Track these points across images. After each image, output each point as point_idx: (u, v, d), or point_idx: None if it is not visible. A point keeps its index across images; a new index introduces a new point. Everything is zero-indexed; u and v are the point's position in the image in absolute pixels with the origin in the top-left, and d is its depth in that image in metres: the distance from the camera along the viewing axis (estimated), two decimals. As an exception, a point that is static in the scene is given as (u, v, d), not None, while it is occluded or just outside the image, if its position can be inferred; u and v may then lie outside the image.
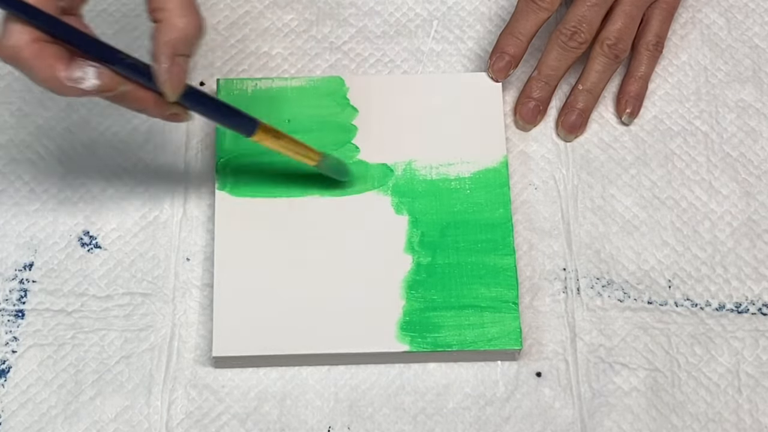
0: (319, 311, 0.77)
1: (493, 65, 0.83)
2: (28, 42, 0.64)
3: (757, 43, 0.88)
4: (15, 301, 0.79)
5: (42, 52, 0.65)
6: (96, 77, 0.66)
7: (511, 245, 0.79)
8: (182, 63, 0.68)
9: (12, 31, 0.64)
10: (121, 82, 0.67)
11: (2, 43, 0.64)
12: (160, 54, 0.67)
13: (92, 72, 0.66)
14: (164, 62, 0.67)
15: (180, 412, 0.76)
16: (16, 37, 0.64)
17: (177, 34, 0.67)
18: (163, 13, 0.67)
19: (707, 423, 0.77)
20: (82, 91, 0.66)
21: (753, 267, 0.81)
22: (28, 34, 0.64)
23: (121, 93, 0.68)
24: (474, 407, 0.77)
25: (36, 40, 0.64)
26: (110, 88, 0.67)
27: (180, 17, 0.67)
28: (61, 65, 0.65)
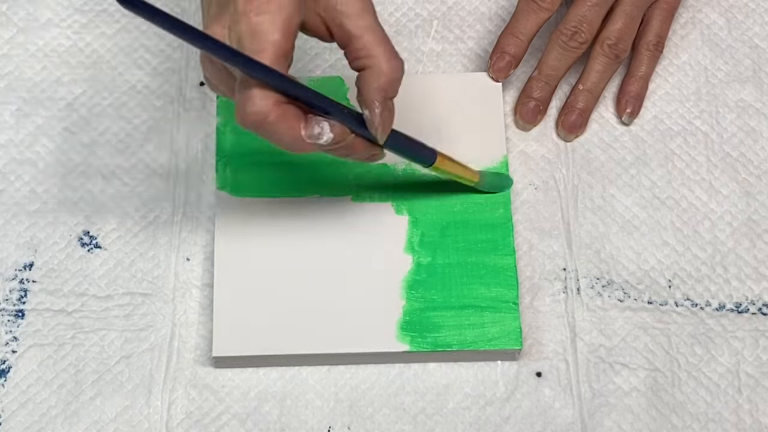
0: (319, 311, 0.77)
1: (494, 65, 0.83)
2: (271, 106, 0.65)
3: (757, 43, 0.88)
4: (15, 301, 0.79)
5: (285, 114, 0.65)
6: (331, 131, 0.67)
7: (511, 245, 0.79)
8: (391, 106, 0.69)
9: (255, 97, 0.64)
10: (349, 132, 0.68)
11: (247, 110, 0.65)
12: (373, 100, 0.68)
13: (327, 127, 0.67)
14: (377, 108, 0.68)
15: (180, 412, 0.76)
16: (261, 103, 0.64)
17: (386, 79, 0.68)
18: (371, 59, 0.68)
19: (707, 423, 0.77)
20: (320, 146, 0.67)
21: (753, 267, 0.81)
22: (271, 98, 0.65)
23: (346, 143, 0.69)
24: (474, 407, 0.77)
25: (278, 102, 0.65)
26: (341, 140, 0.68)
27: (386, 62, 0.68)
28: (302, 124, 0.66)
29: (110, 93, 0.85)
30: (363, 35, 0.68)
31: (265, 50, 0.64)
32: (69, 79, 0.85)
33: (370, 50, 0.68)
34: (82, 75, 0.85)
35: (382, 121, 0.69)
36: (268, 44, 0.64)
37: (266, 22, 0.64)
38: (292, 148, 0.67)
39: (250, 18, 0.64)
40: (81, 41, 0.86)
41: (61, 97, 0.85)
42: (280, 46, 0.65)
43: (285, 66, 0.65)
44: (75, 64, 0.86)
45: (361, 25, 0.68)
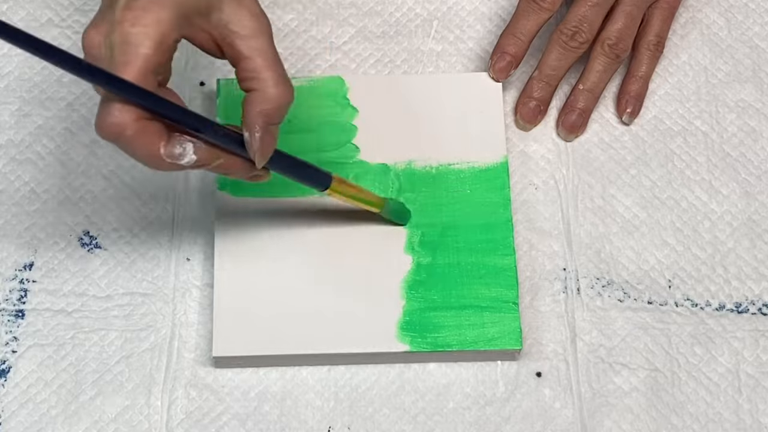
0: (319, 311, 0.77)
1: (494, 65, 0.83)
2: (131, 120, 0.63)
3: (757, 43, 0.88)
4: (15, 301, 0.79)
5: (144, 130, 0.64)
6: (194, 153, 0.65)
7: (511, 245, 0.79)
8: (274, 132, 0.67)
9: (114, 110, 0.63)
10: (216, 156, 0.67)
11: (105, 122, 0.63)
12: (254, 124, 0.66)
13: (190, 148, 0.65)
14: (257, 132, 0.66)
15: (180, 412, 0.76)
16: (120, 116, 0.63)
17: (271, 105, 0.66)
18: (258, 82, 0.66)
19: (707, 423, 0.77)
20: (180, 166, 0.66)
21: (753, 267, 0.81)
22: (130, 112, 0.63)
23: (218, 165, 0.68)
24: (474, 407, 0.77)
25: (138, 118, 0.63)
26: (206, 163, 0.66)
27: (273, 87, 0.66)
28: (162, 142, 0.64)
29: (110, 93, 0.85)
30: (254, 57, 0.66)
31: (132, 63, 0.62)
32: (69, 79, 0.85)
33: (259, 73, 0.66)
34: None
35: (261, 145, 0.67)
36: (137, 57, 0.63)
37: (139, 34, 0.63)
38: (150, 165, 0.65)
39: (124, 28, 0.63)
40: (81, 41, 0.86)
41: (61, 97, 0.85)
42: (149, 60, 0.63)
43: (153, 81, 0.63)
44: (75, 64, 0.85)
45: (252, 46, 0.66)
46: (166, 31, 0.63)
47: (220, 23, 0.66)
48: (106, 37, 0.64)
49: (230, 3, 0.66)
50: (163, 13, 0.63)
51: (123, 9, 0.64)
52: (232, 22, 0.66)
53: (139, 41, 0.63)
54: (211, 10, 0.66)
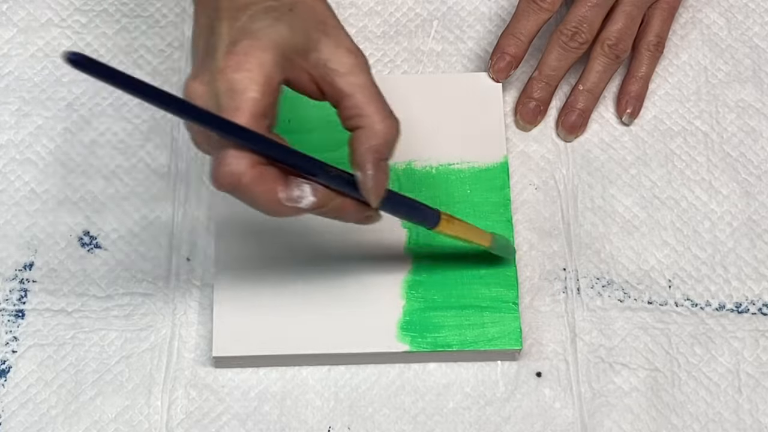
0: (319, 311, 0.77)
1: (494, 65, 0.83)
2: (247, 168, 0.61)
3: (757, 43, 0.88)
4: (15, 301, 0.79)
5: (262, 176, 0.62)
6: (312, 194, 0.64)
7: (511, 245, 0.79)
8: (385, 168, 0.66)
9: (230, 158, 0.61)
10: (333, 196, 0.65)
11: (222, 171, 0.62)
12: (366, 162, 0.65)
13: (308, 190, 0.64)
14: (369, 170, 0.65)
15: (180, 412, 0.76)
16: (235, 164, 0.61)
17: (380, 140, 0.65)
18: (363, 119, 0.65)
19: (707, 423, 0.77)
20: (300, 209, 0.64)
21: (753, 267, 0.81)
22: (246, 159, 0.61)
23: (333, 206, 0.66)
24: (474, 407, 0.77)
25: (254, 164, 0.62)
26: (324, 204, 0.65)
27: (380, 122, 0.65)
28: (281, 187, 0.63)
29: (110, 93, 0.85)
30: (355, 93, 0.65)
31: (242, 109, 0.61)
32: (69, 79, 0.85)
33: (362, 109, 0.65)
34: (82, 75, 0.84)
35: (375, 184, 0.65)
36: (246, 102, 0.61)
37: (244, 79, 0.62)
38: (270, 212, 0.64)
39: (227, 75, 0.62)
40: (81, 41, 0.86)
41: (61, 97, 0.85)
42: (258, 104, 0.62)
43: (264, 125, 0.62)
44: (75, 64, 0.85)
45: (353, 82, 0.65)
46: (270, 73, 0.62)
47: (319, 62, 0.65)
48: (209, 86, 0.62)
49: (327, 42, 0.65)
50: (265, 56, 0.62)
51: (225, 55, 0.62)
52: (330, 61, 0.65)
53: (246, 86, 0.61)
54: (309, 50, 0.65)
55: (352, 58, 0.65)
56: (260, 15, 0.64)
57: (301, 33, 0.64)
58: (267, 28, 0.63)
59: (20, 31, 0.86)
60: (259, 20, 0.64)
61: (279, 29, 0.63)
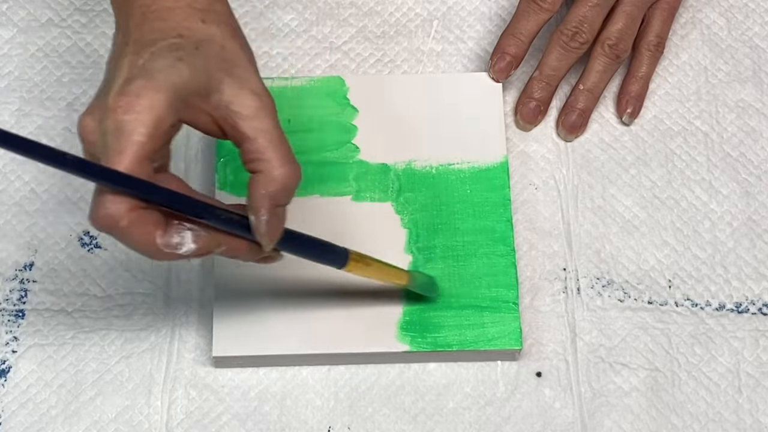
0: (319, 311, 0.77)
1: (494, 65, 0.83)
2: (125, 211, 0.60)
3: (757, 43, 0.88)
4: (15, 301, 0.79)
5: (139, 220, 0.61)
6: (193, 242, 0.63)
7: (511, 245, 0.79)
8: (281, 214, 0.65)
9: (107, 201, 0.61)
10: (218, 243, 0.64)
11: (98, 213, 0.61)
12: (260, 207, 0.63)
13: (189, 237, 0.63)
14: (263, 215, 0.63)
15: (180, 412, 0.76)
16: (113, 208, 0.60)
17: (277, 186, 0.63)
18: (263, 164, 0.63)
19: (707, 423, 0.77)
20: (179, 256, 0.63)
21: (753, 267, 0.81)
22: (124, 203, 0.60)
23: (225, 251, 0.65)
24: (474, 407, 0.77)
25: (133, 208, 0.61)
26: (207, 251, 0.64)
27: (279, 168, 0.63)
28: (159, 231, 0.62)
29: (110, 93, 0.84)
30: (257, 138, 0.63)
31: (125, 152, 0.60)
32: (69, 79, 0.85)
33: (263, 154, 0.63)
34: (82, 75, 0.85)
35: (268, 229, 0.64)
36: (131, 145, 0.60)
37: (133, 121, 0.60)
38: (148, 255, 0.63)
39: (117, 115, 0.60)
40: (81, 41, 0.86)
41: (61, 97, 0.85)
42: (143, 148, 0.60)
43: (148, 168, 0.61)
44: (75, 64, 0.86)
45: (255, 126, 0.63)
46: (161, 116, 0.61)
47: (221, 104, 0.63)
48: (100, 123, 0.61)
49: (231, 83, 0.63)
50: (157, 98, 0.61)
51: (116, 95, 0.61)
52: (233, 103, 0.63)
53: (133, 128, 0.60)
54: (211, 91, 0.63)
55: (257, 101, 0.64)
56: (163, 53, 0.62)
57: (203, 73, 0.63)
58: (167, 68, 0.62)
59: (20, 31, 0.86)
60: (160, 59, 0.62)
61: (179, 69, 0.62)
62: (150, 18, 0.64)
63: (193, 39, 0.64)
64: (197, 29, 0.64)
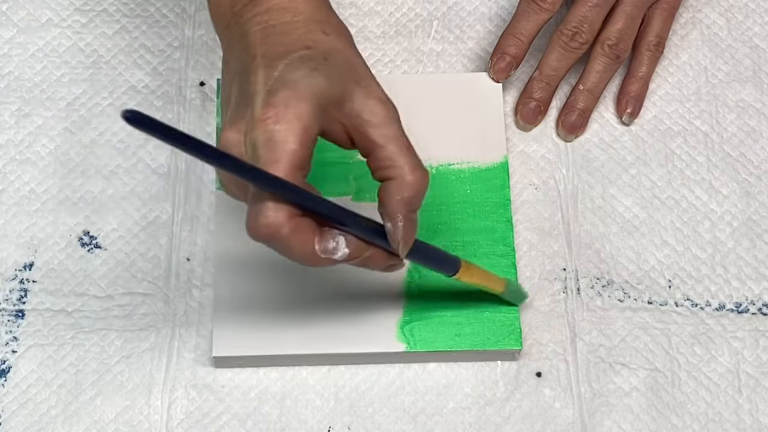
0: (319, 311, 0.77)
1: (494, 65, 0.83)
2: (285, 219, 0.62)
3: (757, 43, 0.88)
4: (15, 301, 0.79)
5: (299, 228, 0.63)
6: (346, 246, 0.65)
7: (511, 245, 0.79)
8: (414, 219, 0.66)
9: (268, 209, 0.62)
10: (366, 248, 0.66)
11: (259, 222, 0.62)
12: (396, 213, 0.65)
13: (342, 242, 0.64)
14: (400, 221, 0.65)
15: (180, 412, 0.76)
16: (275, 216, 0.62)
17: (411, 192, 0.65)
18: (395, 170, 0.65)
19: (707, 423, 0.77)
20: (334, 261, 0.65)
21: (753, 267, 0.81)
22: (284, 211, 0.62)
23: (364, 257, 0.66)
24: (474, 407, 0.77)
25: (292, 216, 0.62)
26: (357, 255, 0.65)
27: (411, 173, 0.65)
28: (316, 238, 0.64)
29: (110, 93, 0.85)
30: (387, 145, 0.65)
31: (281, 161, 0.61)
32: (69, 79, 0.85)
33: (394, 161, 0.65)
34: (82, 75, 0.85)
35: (404, 234, 0.66)
36: (284, 154, 0.61)
37: (283, 131, 0.61)
38: (305, 262, 0.64)
39: (267, 126, 0.62)
40: (81, 41, 0.86)
41: (61, 97, 0.85)
42: (296, 156, 0.62)
43: (301, 177, 0.63)
44: (75, 64, 0.86)
45: (385, 134, 0.65)
46: (308, 125, 0.62)
47: (352, 113, 0.65)
48: (247, 136, 0.63)
49: (360, 92, 0.65)
50: (303, 107, 0.62)
51: (263, 107, 0.62)
52: (363, 112, 0.65)
53: (285, 138, 0.61)
54: (344, 100, 0.65)
55: (384, 109, 0.66)
56: (297, 64, 0.64)
57: (337, 83, 0.64)
58: (305, 78, 0.63)
59: (20, 31, 0.86)
60: (297, 69, 0.63)
61: (317, 79, 0.63)
62: (272, 33, 0.65)
63: (321, 50, 0.65)
64: (322, 41, 0.66)
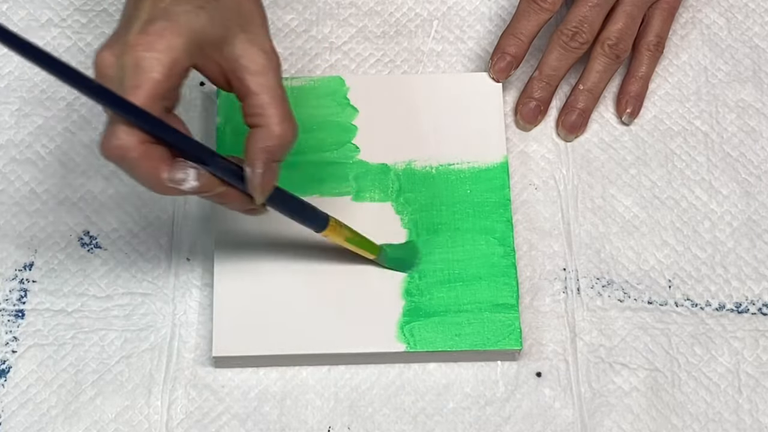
0: (318, 311, 0.77)
1: (495, 65, 0.83)
2: (135, 143, 0.63)
3: (757, 43, 0.88)
4: (15, 301, 0.79)
5: (148, 154, 0.64)
6: (195, 179, 0.66)
7: (511, 245, 0.79)
8: (275, 169, 0.68)
9: (119, 132, 0.63)
10: (218, 184, 0.67)
11: (110, 143, 0.64)
12: (256, 160, 0.66)
13: (193, 174, 0.66)
14: (259, 168, 0.67)
15: (180, 412, 0.76)
16: (125, 139, 0.63)
17: (274, 142, 0.66)
18: (262, 119, 0.66)
19: (707, 423, 0.77)
20: (181, 191, 0.66)
21: (753, 267, 0.81)
22: (135, 135, 0.63)
23: (217, 194, 0.68)
24: (474, 407, 0.77)
25: (143, 141, 0.64)
26: (208, 190, 0.67)
27: (278, 124, 0.66)
28: (165, 167, 0.65)
29: (110, 93, 0.85)
30: (261, 93, 0.66)
31: (142, 87, 0.63)
32: (69, 79, 0.85)
33: (264, 110, 0.66)
34: (82, 75, 0.85)
35: (262, 181, 0.67)
36: (147, 82, 0.63)
37: (151, 59, 0.63)
38: (152, 188, 0.66)
39: (137, 52, 0.63)
40: (81, 41, 0.86)
41: (61, 97, 0.85)
42: (158, 85, 0.63)
43: (159, 106, 0.64)
44: (75, 64, 0.85)
45: (260, 82, 0.66)
46: (178, 58, 0.64)
47: (231, 57, 0.66)
48: (119, 59, 0.64)
49: (242, 38, 0.66)
50: (176, 41, 0.64)
51: (138, 33, 0.64)
52: (243, 57, 0.66)
53: (151, 66, 0.63)
54: (224, 43, 0.66)
55: (264, 59, 0.67)
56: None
57: (220, 25, 0.66)
58: (187, 13, 0.65)
59: (20, 31, 0.86)
60: (183, 5, 0.65)
61: (199, 17, 0.65)
62: None
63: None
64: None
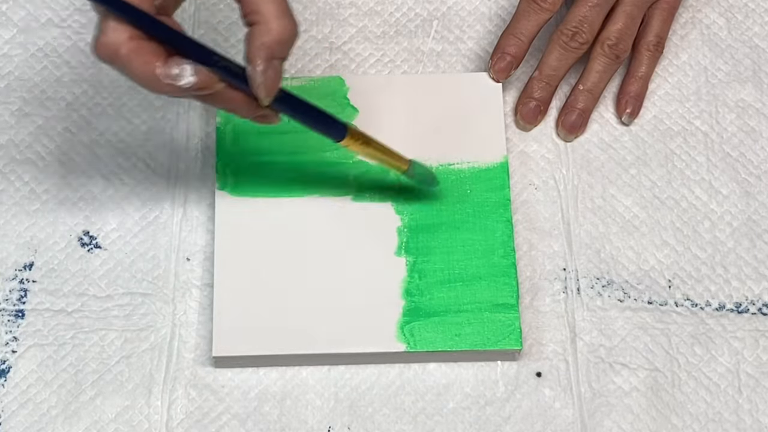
0: (318, 311, 0.77)
1: (494, 65, 0.83)
2: (125, 40, 0.63)
3: (757, 43, 0.88)
4: (15, 301, 0.79)
5: (140, 49, 0.64)
6: (193, 74, 0.65)
7: (511, 245, 0.79)
8: (277, 66, 0.67)
9: (109, 29, 0.63)
10: (217, 80, 0.66)
11: (100, 41, 0.64)
12: (256, 57, 0.66)
13: (189, 69, 0.65)
14: (259, 65, 0.66)
15: (180, 412, 0.76)
16: (114, 35, 0.63)
17: (273, 37, 0.66)
18: (259, 16, 0.66)
19: (707, 423, 0.77)
20: (178, 88, 0.65)
21: (753, 267, 0.81)
22: (125, 32, 0.63)
23: (214, 92, 0.67)
24: (474, 407, 0.77)
25: (133, 37, 0.63)
26: (206, 86, 0.66)
27: (276, 20, 0.66)
28: (159, 62, 0.64)
29: (110, 93, 0.85)
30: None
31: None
32: (69, 79, 0.85)
33: (260, 6, 0.66)
34: (82, 75, 0.85)
35: (264, 80, 0.66)
36: None
37: None
38: (148, 87, 0.65)
39: None
40: (81, 41, 0.86)
41: (61, 97, 0.85)
42: None
43: (150, 4, 0.64)
44: (75, 64, 0.86)
45: None
46: None
47: None
48: None
49: None
50: None
51: None
52: None
53: None
54: None
55: None
56: None
57: None
58: None
59: (20, 31, 0.86)
60: None
61: None
62: None
63: None
64: None
